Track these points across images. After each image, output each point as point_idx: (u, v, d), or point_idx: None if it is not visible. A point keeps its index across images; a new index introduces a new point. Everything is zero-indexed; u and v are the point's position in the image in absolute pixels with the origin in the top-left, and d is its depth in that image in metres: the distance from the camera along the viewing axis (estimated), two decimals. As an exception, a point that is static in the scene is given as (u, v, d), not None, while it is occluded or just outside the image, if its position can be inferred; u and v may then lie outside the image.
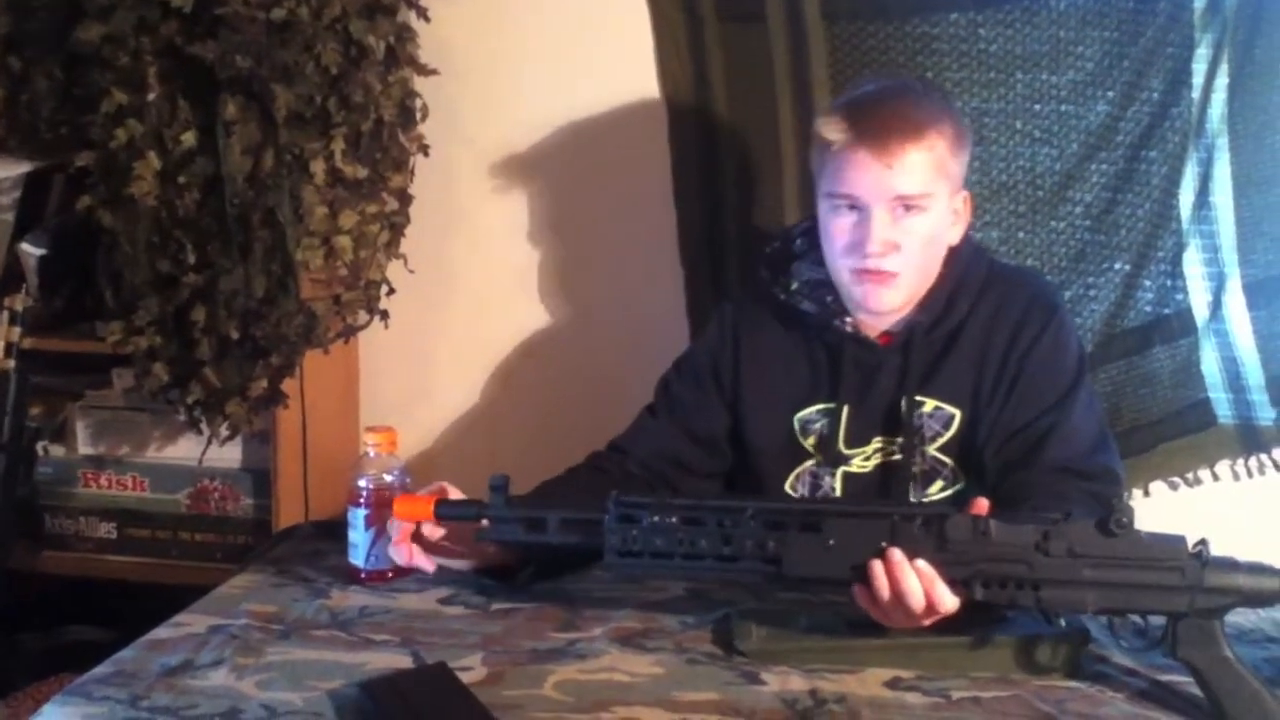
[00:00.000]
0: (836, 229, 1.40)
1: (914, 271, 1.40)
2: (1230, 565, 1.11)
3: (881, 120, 1.36)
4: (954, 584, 1.13)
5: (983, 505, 1.17)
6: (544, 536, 1.24)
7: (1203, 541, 1.12)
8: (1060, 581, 1.12)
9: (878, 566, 1.13)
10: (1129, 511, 1.11)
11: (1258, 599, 1.12)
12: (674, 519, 1.18)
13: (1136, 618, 1.13)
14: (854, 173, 1.36)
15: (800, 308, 1.48)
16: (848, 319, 1.45)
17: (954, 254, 1.45)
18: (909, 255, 1.38)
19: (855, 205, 1.37)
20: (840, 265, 1.41)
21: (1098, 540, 1.11)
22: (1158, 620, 1.13)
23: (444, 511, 1.28)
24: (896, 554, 1.12)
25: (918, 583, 1.12)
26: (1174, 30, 1.78)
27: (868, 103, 1.40)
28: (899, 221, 1.36)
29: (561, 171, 1.96)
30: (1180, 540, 1.12)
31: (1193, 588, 1.10)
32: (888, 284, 1.39)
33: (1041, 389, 1.42)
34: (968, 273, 1.45)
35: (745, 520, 1.17)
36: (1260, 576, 1.11)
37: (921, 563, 1.12)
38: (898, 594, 1.12)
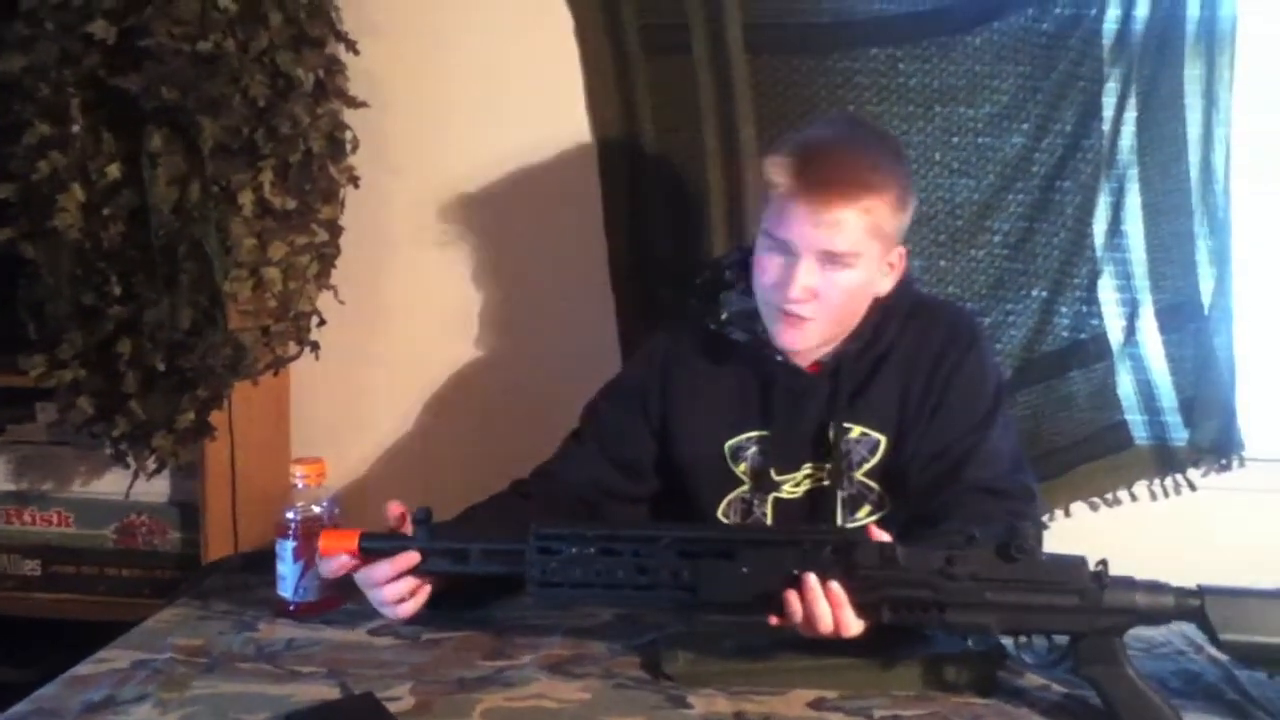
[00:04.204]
0: (766, 265, 1.42)
1: (827, 321, 1.42)
2: (1128, 585, 1.15)
3: (825, 176, 1.35)
4: (862, 608, 1.16)
5: (874, 531, 1.20)
6: (467, 567, 1.26)
7: (1103, 563, 1.15)
8: (964, 605, 1.15)
9: (792, 595, 1.16)
10: (1029, 537, 1.14)
11: (1155, 617, 1.15)
12: (592, 550, 1.20)
13: (1041, 637, 1.17)
14: (789, 220, 1.37)
15: (731, 337, 1.50)
16: (779, 348, 1.48)
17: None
18: (826, 305, 1.40)
19: (786, 249, 1.39)
20: (764, 298, 1.44)
21: (998, 565, 1.15)
22: (1062, 638, 1.16)
23: (369, 545, 1.28)
24: (811, 579, 1.15)
25: (828, 609, 1.15)
26: (1085, 64, 1.84)
27: (817, 153, 1.38)
28: (825, 271, 1.38)
29: (493, 202, 1.97)
30: (1080, 562, 1.16)
31: (1092, 609, 1.14)
32: (800, 328, 1.42)
33: (962, 413, 1.46)
34: (894, 303, 1.49)
35: (660, 550, 1.19)
36: (1157, 595, 1.15)
37: (834, 585, 1.15)
38: (808, 618, 1.16)
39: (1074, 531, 1.91)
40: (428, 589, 1.30)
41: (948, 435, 1.45)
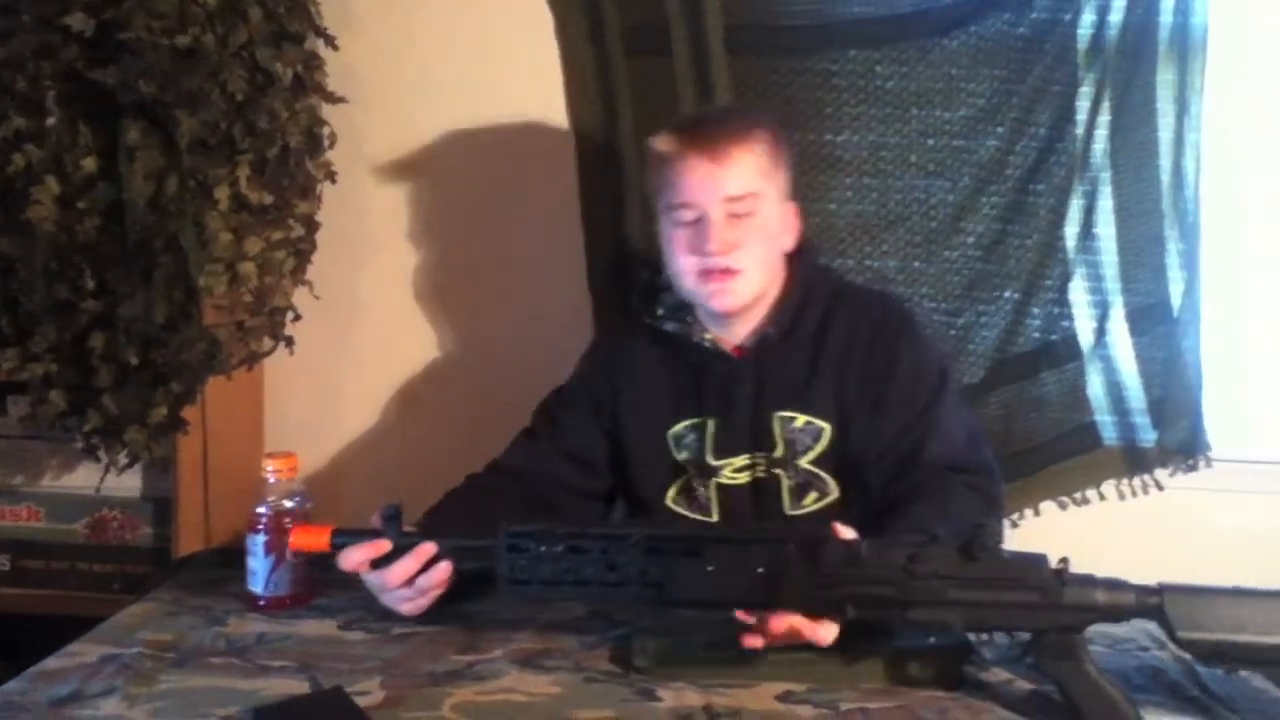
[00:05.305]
0: (679, 238, 1.47)
1: (756, 267, 1.47)
2: (1088, 582, 1.16)
3: (708, 127, 1.48)
4: (827, 605, 1.18)
5: (840, 529, 1.22)
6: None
7: (1064, 560, 1.17)
8: (927, 603, 1.17)
9: (757, 640, 1.19)
10: (993, 536, 1.17)
11: (1115, 614, 1.17)
12: (560, 548, 1.22)
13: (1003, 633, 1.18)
14: (689, 178, 1.44)
15: (664, 328, 1.54)
16: (706, 335, 1.52)
17: (797, 268, 1.52)
18: (750, 251, 1.45)
19: (693, 211, 1.44)
20: (685, 269, 1.47)
21: (961, 563, 1.16)
22: (1024, 634, 1.18)
23: (340, 541, 1.29)
24: (776, 628, 1.18)
25: (791, 634, 1.18)
26: (1059, 69, 1.86)
27: (694, 117, 1.62)
28: (733, 223, 1.44)
29: (469, 200, 1.98)
30: (1041, 560, 1.17)
31: (1052, 605, 1.16)
32: (732, 279, 1.45)
33: (907, 401, 1.48)
34: (813, 287, 1.53)
35: (629, 548, 1.21)
36: (1117, 592, 1.16)
37: (796, 618, 1.18)
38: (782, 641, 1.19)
39: (1043, 529, 1.92)
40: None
41: (897, 424, 1.47)
